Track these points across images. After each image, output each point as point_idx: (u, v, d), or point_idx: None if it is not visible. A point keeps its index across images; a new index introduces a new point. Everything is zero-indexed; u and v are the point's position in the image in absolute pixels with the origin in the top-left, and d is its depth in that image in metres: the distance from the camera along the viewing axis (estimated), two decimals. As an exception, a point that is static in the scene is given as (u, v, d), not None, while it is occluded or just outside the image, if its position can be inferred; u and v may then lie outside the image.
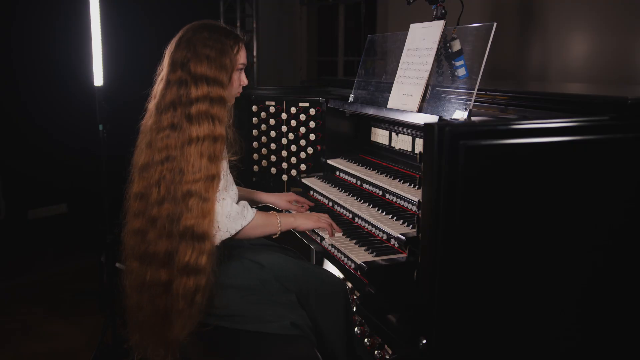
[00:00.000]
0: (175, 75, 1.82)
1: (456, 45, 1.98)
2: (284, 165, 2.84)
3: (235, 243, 1.93)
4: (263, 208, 2.13)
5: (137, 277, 1.82)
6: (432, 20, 2.17)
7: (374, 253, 1.89)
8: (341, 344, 1.92)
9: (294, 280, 1.89)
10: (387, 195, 2.21)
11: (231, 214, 1.82)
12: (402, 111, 2.13)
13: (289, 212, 2.32)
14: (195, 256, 1.73)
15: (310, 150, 2.77)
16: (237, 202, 1.87)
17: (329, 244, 2.06)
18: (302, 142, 2.77)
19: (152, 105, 1.88)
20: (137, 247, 1.82)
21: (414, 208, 2.03)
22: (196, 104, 1.78)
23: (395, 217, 2.01)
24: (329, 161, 2.69)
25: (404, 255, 1.83)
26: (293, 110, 2.76)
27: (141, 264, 1.80)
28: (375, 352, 2.16)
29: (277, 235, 2.00)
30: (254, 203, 2.29)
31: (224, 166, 1.83)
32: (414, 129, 2.31)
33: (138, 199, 1.83)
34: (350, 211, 2.24)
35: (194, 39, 1.83)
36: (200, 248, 1.74)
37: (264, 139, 2.87)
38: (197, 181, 1.74)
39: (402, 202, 2.10)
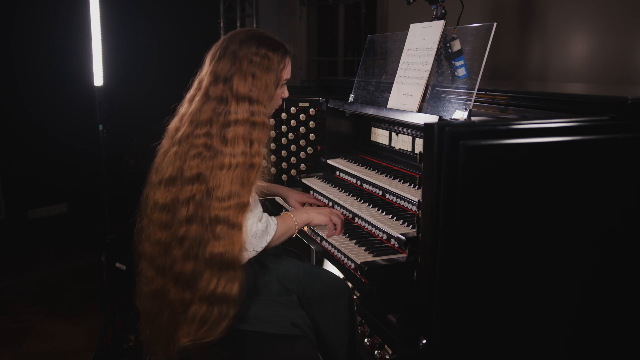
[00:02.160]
0: (217, 90, 1.73)
1: (456, 45, 1.98)
2: (284, 165, 2.84)
3: None
4: (269, 201, 2.11)
5: (156, 287, 1.78)
6: (432, 20, 2.17)
7: (374, 253, 1.89)
8: (341, 344, 1.91)
9: (296, 281, 1.89)
10: (387, 195, 2.21)
11: (257, 233, 1.76)
12: (402, 111, 2.13)
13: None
14: (223, 284, 1.66)
15: (310, 150, 2.77)
16: (261, 218, 1.81)
17: (329, 244, 2.06)
18: (302, 142, 2.77)
19: (184, 110, 1.80)
20: (158, 258, 1.77)
21: (414, 208, 2.03)
22: (234, 126, 1.70)
23: (395, 217, 2.01)
24: (329, 161, 2.69)
25: (404, 255, 1.83)
26: (293, 110, 2.76)
27: (161, 277, 1.76)
28: (375, 352, 2.16)
29: (295, 235, 1.97)
30: (268, 196, 2.25)
31: (254, 189, 1.77)
32: (414, 129, 2.31)
33: (165, 211, 1.75)
34: (350, 211, 2.24)
35: (240, 53, 1.74)
36: (229, 277, 1.67)
37: (264, 139, 2.86)
38: (227, 209, 1.66)
39: (402, 202, 2.10)
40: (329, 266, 2.47)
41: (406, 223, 1.95)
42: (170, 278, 1.74)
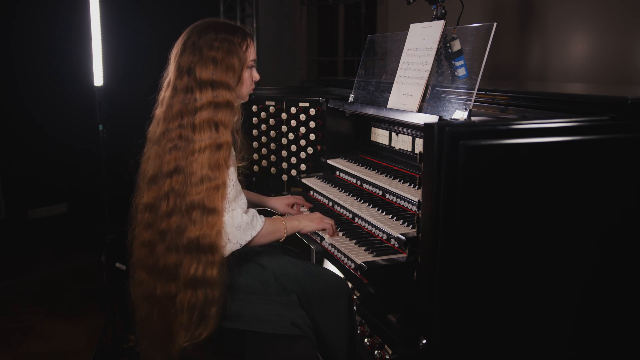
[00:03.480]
0: (182, 82, 1.77)
1: (456, 45, 1.98)
2: (284, 165, 2.83)
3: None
4: (264, 211, 2.13)
5: (146, 288, 1.80)
6: (432, 20, 2.17)
7: (374, 253, 1.89)
8: (340, 344, 1.91)
9: (295, 281, 1.88)
10: (387, 195, 2.21)
11: (241, 225, 1.78)
12: (402, 111, 2.13)
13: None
14: (203, 268, 1.69)
15: (310, 150, 2.77)
16: (246, 211, 1.83)
17: (329, 244, 2.06)
18: (302, 142, 2.77)
19: (159, 112, 1.84)
20: (146, 259, 1.79)
21: (414, 208, 2.03)
22: (200, 112, 1.74)
23: (395, 217, 2.01)
24: (329, 161, 2.69)
25: (404, 255, 1.82)
26: (293, 110, 2.76)
27: (150, 277, 1.78)
28: (375, 352, 2.15)
29: (282, 240, 1.99)
30: (254, 206, 2.28)
31: (232, 174, 1.78)
32: (414, 129, 2.31)
33: (148, 210, 1.79)
34: (350, 211, 2.24)
35: (200, 42, 1.78)
36: (208, 260, 1.69)
37: (264, 139, 2.87)
38: (200, 193, 1.69)
39: (402, 202, 2.10)
40: (329, 266, 2.47)
41: (406, 223, 1.95)
42: (157, 275, 1.76)
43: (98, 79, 2.92)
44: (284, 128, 2.78)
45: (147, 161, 1.83)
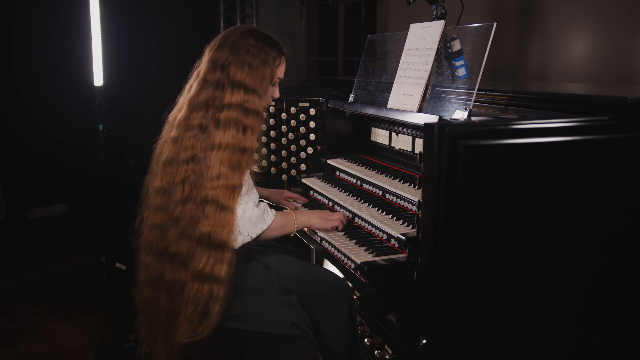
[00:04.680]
0: (214, 76, 1.79)
1: (456, 45, 1.98)
2: (284, 165, 2.83)
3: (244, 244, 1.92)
4: (275, 207, 2.12)
5: (153, 272, 1.80)
6: (432, 20, 2.17)
7: (374, 253, 1.89)
8: (341, 344, 1.91)
9: (296, 281, 1.88)
10: (387, 195, 2.21)
11: (252, 218, 1.79)
12: (402, 111, 2.13)
13: (283, 208, 2.32)
14: (212, 264, 1.70)
15: (310, 150, 2.77)
16: (257, 205, 1.85)
17: (329, 244, 2.05)
18: (302, 142, 2.77)
19: (184, 99, 1.85)
20: (156, 243, 1.80)
21: (414, 208, 2.03)
22: (227, 110, 1.75)
23: (395, 217, 2.01)
24: (329, 161, 2.69)
25: (404, 255, 1.82)
26: (293, 110, 2.76)
27: (159, 260, 1.79)
28: (375, 352, 2.15)
29: (293, 234, 2.00)
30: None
31: (247, 174, 1.80)
32: (414, 129, 2.31)
33: (161, 193, 1.80)
34: (350, 211, 2.24)
35: (239, 43, 1.80)
36: (217, 257, 1.70)
37: (263, 139, 2.86)
38: (215, 188, 1.70)
39: (402, 202, 2.10)
40: (328, 266, 2.47)
41: (406, 223, 1.95)
42: (167, 260, 1.76)
43: (98, 79, 2.92)
44: (283, 128, 2.78)
45: (164, 144, 1.83)
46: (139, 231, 1.87)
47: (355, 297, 2.28)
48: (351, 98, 2.57)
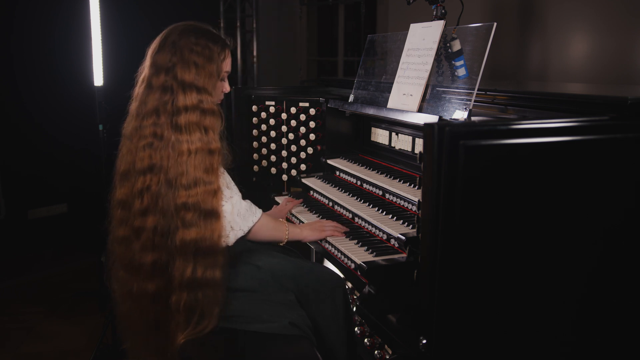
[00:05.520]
0: (159, 80, 1.74)
1: (456, 45, 1.98)
2: (284, 165, 2.83)
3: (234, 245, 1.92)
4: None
5: (124, 285, 1.80)
6: (432, 20, 2.17)
7: (374, 253, 1.89)
8: (340, 343, 1.91)
9: (291, 279, 1.88)
10: (387, 195, 2.21)
11: (241, 211, 1.79)
12: (402, 111, 2.13)
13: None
14: (202, 270, 1.68)
15: (310, 150, 2.77)
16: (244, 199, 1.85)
17: (329, 244, 2.05)
18: (302, 142, 2.77)
19: (133, 108, 1.81)
20: (123, 256, 1.79)
21: (414, 208, 2.03)
22: (185, 113, 1.70)
23: (395, 217, 2.01)
24: (329, 161, 2.69)
25: (404, 255, 1.82)
26: (293, 110, 2.76)
27: (127, 273, 1.78)
28: (375, 352, 2.15)
29: (283, 243, 2.00)
30: None
31: (222, 173, 1.79)
32: (414, 129, 2.31)
33: (120, 206, 1.78)
34: (350, 211, 2.24)
35: (180, 43, 1.75)
36: (209, 263, 1.69)
37: (264, 139, 2.87)
38: (194, 195, 1.67)
39: (402, 202, 2.10)
40: (329, 266, 2.47)
41: (406, 223, 1.95)
42: (133, 273, 1.76)
43: (98, 79, 2.92)
44: (284, 128, 2.78)
45: (120, 157, 1.81)
46: (109, 248, 1.87)
47: (355, 297, 2.28)
48: (351, 98, 2.57)
